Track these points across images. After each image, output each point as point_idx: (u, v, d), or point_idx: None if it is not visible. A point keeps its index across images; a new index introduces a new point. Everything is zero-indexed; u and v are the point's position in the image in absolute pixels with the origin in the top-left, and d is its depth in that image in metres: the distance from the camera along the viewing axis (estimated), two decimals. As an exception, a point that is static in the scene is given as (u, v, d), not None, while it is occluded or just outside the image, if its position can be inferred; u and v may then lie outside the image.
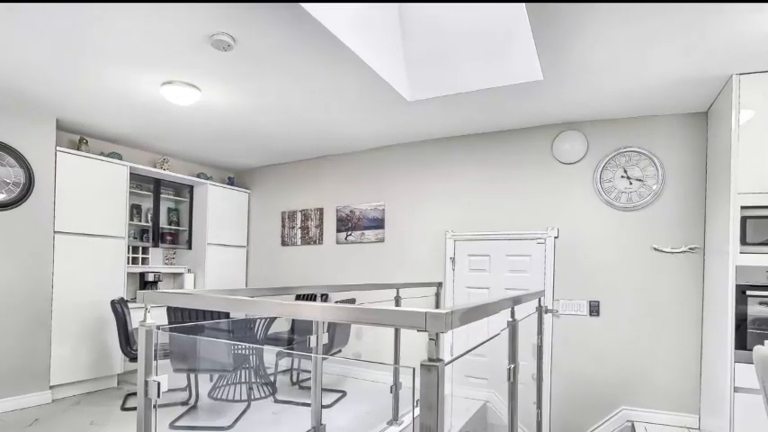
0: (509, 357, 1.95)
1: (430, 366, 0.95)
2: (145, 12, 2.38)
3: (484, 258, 4.28)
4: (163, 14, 2.40)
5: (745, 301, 2.85)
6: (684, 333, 3.54)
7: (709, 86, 3.13)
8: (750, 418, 2.74)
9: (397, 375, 3.32)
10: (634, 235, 3.72)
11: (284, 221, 5.64)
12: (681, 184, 3.61)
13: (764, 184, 2.83)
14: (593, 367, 3.78)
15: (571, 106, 3.61)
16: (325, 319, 1.23)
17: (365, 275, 4.94)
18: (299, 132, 4.45)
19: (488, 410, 4.12)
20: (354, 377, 4.81)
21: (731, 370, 2.84)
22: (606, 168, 3.82)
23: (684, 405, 3.51)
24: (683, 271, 3.57)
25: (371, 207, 4.95)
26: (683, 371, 3.53)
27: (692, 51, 2.66)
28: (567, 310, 3.88)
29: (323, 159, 5.36)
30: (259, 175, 5.97)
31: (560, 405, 3.87)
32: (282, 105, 3.71)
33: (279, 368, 4.67)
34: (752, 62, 2.75)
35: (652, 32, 2.47)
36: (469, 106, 3.67)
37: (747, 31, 2.41)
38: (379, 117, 3.97)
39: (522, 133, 4.17)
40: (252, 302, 1.45)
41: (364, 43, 2.83)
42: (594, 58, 2.79)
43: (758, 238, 2.88)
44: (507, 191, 4.21)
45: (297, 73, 3.09)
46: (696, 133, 3.58)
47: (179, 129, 4.37)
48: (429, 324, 0.95)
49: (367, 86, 3.28)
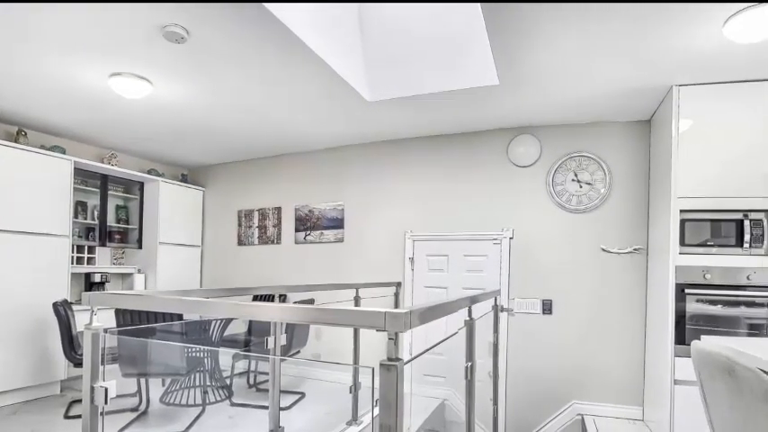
0: (466, 356, 1.99)
1: (389, 366, 0.95)
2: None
3: (442, 258, 4.35)
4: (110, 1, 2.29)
5: (684, 299, 3.04)
6: (630, 330, 3.73)
7: (652, 96, 3.32)
8: (688, 408, 2.93)
9: (356, 375, 3.32)
10: (584, 236, 3.89)
11: (241, 220, 5.51)
12: (626, 188, 3.80)
13: (701, 189, 3.03)
14: (545, 364, 3.92)
15: (525, 111, 3.73)
16: (283, 319, 1.22)
17: (324, 275, 4.90)
18: (256, 130, 4.36)
19: (446, 408, 4.19)
20: (314, 378, 4.77)
21: (671, 364, 3.03)
22: (558, 172, 3.97)
23: (629, 398, 3.71)
24: (628, 270, 3.76)
25: (331, 207, 4.93)
26: (628, 365, 3.72)
27: (635, 63, 2.81)
28: (521, 309, 4.01)
29: (281, 158, 5.28)
30: (214, 172, 5.80)
31: (515, 401, 3.99)
32: (239, 102, 3.63)
33: (235, 371, 4.56)
34: (690, 75, 2.94)
35: (599, 43, 2.59)
36: (428, 108, 3.72)
37: (686, 46, 2.58)
38: (339, 116, 3.95)
39: (480, 136, 4.27)
40: (206, 304, 1.40)
41: (324, 41, 2.81)
42: (547, 65, 2.89)
43: (696, 240, 3.08)
44: (465, 192, 4.29)
45: (254, 69, 3.02)
46: (640, 140, 3.79)
47: (129, 123, 4.18)
48: (388, 324, 0.96)
49: (326, 85, 3.26)
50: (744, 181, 2.96)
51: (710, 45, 2.55)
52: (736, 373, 1.33)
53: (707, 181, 3.02)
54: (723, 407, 1.41)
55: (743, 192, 2.96)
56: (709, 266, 3.01)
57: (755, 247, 2.98)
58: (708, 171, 3.02)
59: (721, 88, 3.00)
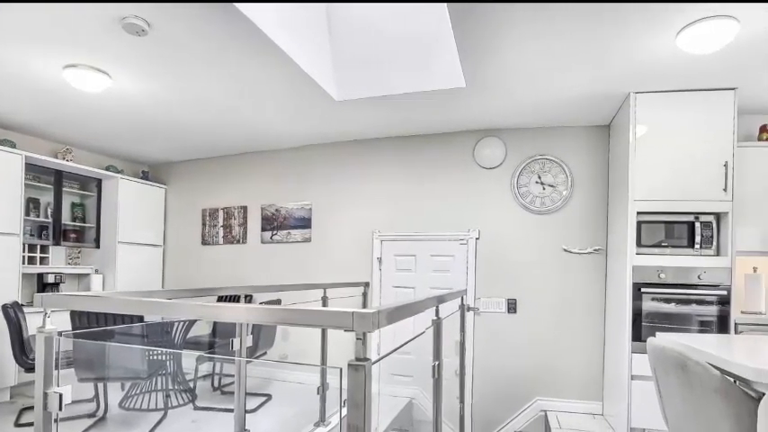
0: (434, 354, 2.01)
1: (357, 366, 0.95)
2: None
3: (410, 258, 4.37)
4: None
5: (640, 298, 3.17)
6: (590, 327, 3.87)
7: (611, 102, 3.45)
8: (645, 402, 3.06)
9: (324, 376, 3.29)
10: (547, 237, 4.00)
11: (205, 219, 5.38)
12: (587, 191, 3.94)
13: (656, 192, 3.17)
14: (510, 361, 4.01)
15: (491, 114, 3.80)
16: (249, 320, 1.19)
17: (292, 276, 4.85)
18: (221, 127, 4.27)
19: (414, 407, 4.22)
20: (281, 380, 4.70)
21: (629, 360, 3.15)
22: (522, 174, 4.06)
23: (590, 393, 3.84)
24: (588, 270, 3.89)
25: (298, 206, 4.87)
26: (588, 362, 3.85)
27: (595, 70, 2.92)
28: (487, 308, 4.08)
29: (248, 156, 5.18)
30: (177, 169, 5.64)
31: (481, 398, 4.06)
32: (203, 98, 3.54)
33: (199, 373, 4.44)
34: (647, 83, 3.07)
35: (562, 50, 2.67)
36: (396, 108, 3.74)
37: (642, 55, 2.69)
38: (307, 115, 3.91)
39: (447, 137, 4.32)
40: (169, 305, 1.36)
41: (292, 39, 2.78)
42: (512, 69, 2.96)
43: (651, 241, 3.23)
44: (432, 193, 4.34)
45: (219, 65, 2.96)
46: (600, 144, 3.93)
47: (85, 117, 4.00)
48: (356, 324, 0.96)
49: (294, 83, 3.22)
50: (695, 185, 3.12)
51: (664, 55, 2.68)
52: (687, 367, 1.39)
53: (661, 185, 3.16)
54: (676, 399, 1.48)
55: (694, 195, 3.12)
56: (663, 266, 3.15)
57: (705, 247, 3.15)
58: (662, 175, 3.16)
59: (674, 96, 3.15)
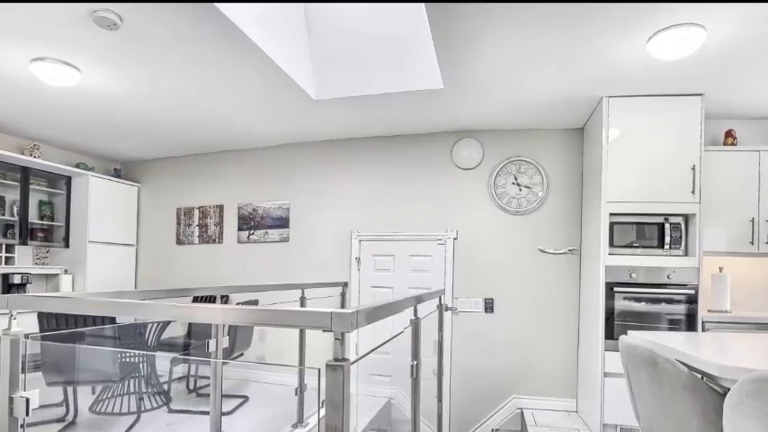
0: (412, 354, 2.02)
1: (335, 366, 0.95)
2: (15, -24, 2.08)
3: (388, 258, 4.38)
4: (38, -18, 2.12)
5: (612, 297, 3.25)
6: (565, 326, 3.95)
7: (585, 106, 3.53)
8: (617, 399, 3.14)
9: (302, 377, 3.27)
10: (523, 237, 4.06)
11: (180, 219, 5.27)
12: (562, 192, 4.02)
13: (628, 194, 3.25)
14: (487, 360, 4.06)
15: (469, 115, 3.84)
16: (225, 321, 1.18)
17: (269, 276, 4.80)
18: (197, 124, 4.19)
19: (393, 407, 4.23)
20: (258, 381, 4.64)
21: (602, 358, 3.23)
22: (499, 175, 4.12)
23: (565, 390, 3.92)
24: (563, 270, 3.97)
25: (276, 205, 4.83)
26: (563, 360, 3.93)
27: (570, 74, 2.98)
28: (465, 308, 4.12)
29: (224, 154, 5.10)
30: (151, 167, 5.51)
31: (459, 397, 4.10)
32: (178, 95, 3.47)
33: (174, 375, 4.35)
34: (619, 87, 3.15)
35: (538, 54, 2.72)
36: (374, 109, 3.74)
37: (614, 60, 2.76)
38: (285, 114, 3.88)
39: (425, 138, 4.35)
40: (142, 306, 1.33)
41: (269, 37, 2.75)
42: (489, 71, 3.00)
43: (623, 241, 3.31)
44: (411, 193, 4.36)
45: (195, 61, 2.90)
46: (574, 147, 4.02)
47: (54, 112, 3.88)
48: (334, 324, 0.95)
49: (271, 81, 3.19)
50: (664, 187, 3.21)
51: (636, 60, 2.75)
52: (657, 364, 1.44)
53: (633, 187, 3.25)
54: (646, 395, 1.53)
55: (664, 197, 3.21)
56: (634, 266, 3.24)
57: (675, 248, 3.25)
58: (634, 178, 3.25)
59: (645, 101, 3.24)
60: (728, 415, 1.09)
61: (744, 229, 3.39)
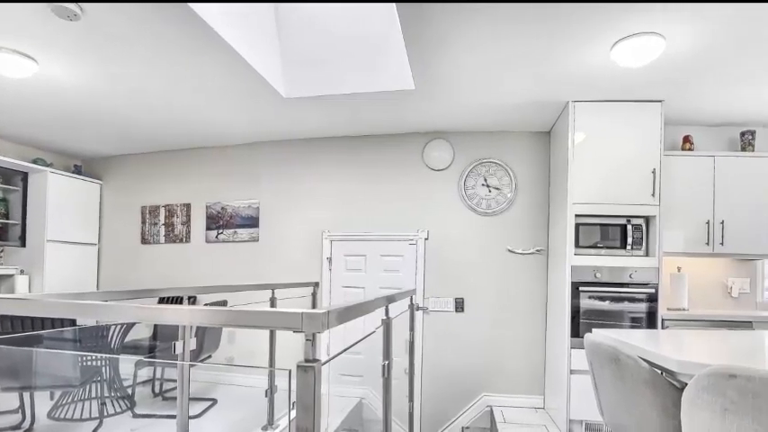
0: (383, 354, 2.02)
1: (306, 367, 0.94)
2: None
3: (360, 258, 4.38)
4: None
5: (578, 296, 3.34)
6: (532, 325, 4.03)
7: (552, 110, 3.62)
8: (583, 395, 3.24)
9: (272, 378, 3.23)
10: (492, 238, 4.13)
11: (145, 217, 5.12)
12: (530, 194, 4.11)
13: (593, 196, 3.36)
14: (458, 359, 4.11)
15: (440, 116, 3.88)
16: (193, 323, 1.15)
17: (238, 276, 4.71)
18: (163, 121, 4.07)
19: (364, 407, 4.22)
20: (227, 383, 4.55)
21: (568, 355, 3.32)
22: (469, 176, 4.18)
23: (532, 388, 4.01)
24: (531, 270, 4.06)
25: (245, 204, 4.75)
26: (531, 358, 4.02)
27: (537, 78, 3.06)
28: (436, 307, 4.16)
29: (192, 151, 4.98)
30: (114, 164, 5.32)
31: (430, 396, 4.13)
32: (143, 89, 3.36)
33: (139, 379, 4.21)
34: (584, 92, 3.25)
35: (506, 56, 2.78)
36: (346, 108, 3.73)
37: (580, 65, 2.85)
38: (255, 112, 3.82)
39: (397, 138, 4.37)
40: (104, 307, 1.28)
41: (238, 34, 2.71)
42: (459, 73, 3.03)
43: (588, 242, 3.41)
44: (382, 193, 4.37)
45: (160, 55, 2.82)
46: (542, 149, 4.12)
47: (9, 105, 3.69)
48: (305, 325, 0.95)
49: (241, 79, 3.13)
50: (627, 190, 3.33)
51: (600, 66, 2.85)
52: (620, 361, 1.49)
53: (597, 189, 3.35)
54: (610, 391, 1.58)
55: (626, 200, 3.33)
56: (599, 266, 3.34)
57: (636, 248, 3.37)
58: (598, 180, 3.36)
59: (609, 106, 3.35)
60: (686, 408, 1.14)
61: (700, 230, 3.55)
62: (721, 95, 3.27)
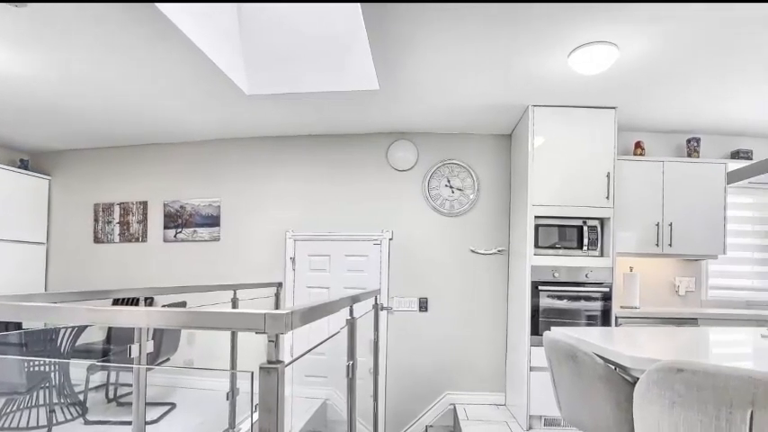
0: (348, 354, 2.02)
1: (269, 369, 0.92)
2: None
3: (324, 258, 4.35)
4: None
5: (537, 295, 3.44)
6: (494, 323, 4.12)
7: (513, 113, 3.71)
8: (542, 391, 3.34)
9: (233, 381, 3.16)
10: (455, 238, 4.20)
11: (98, 215, 4.90)
12: (492, 195, 4.20)
13: (551, 197, 3.46)
14: (422, 358, 4.15)
15: (404, 117, 3.90)
16: (150, 325, 1.11)
17: (199, 276, 4.58)
18: (117, 115, 3.90)
19: (328, 408, 4.19)
20: (186, 387, 4.42)
21: (528, 353, 3.41)
22: (433, 177, 4.23)
23: (494, 385, 4.10)
24: (493, 270, 4.15)
25: (206, 203, 4.62)
26: (493, 356, 4.11)
27: (499, 81, 3.13)
28: (400, 307, 4.19)
29: (149, 147, 4.80)
30: (65, 159, 5.06)
31: (394, 396, 4.15)
32: (96, 81, 3.20)
33: (91, 384, 4.02)
34: (543, 97, 3.35)
35: (469, 60, 2.83)
36: (310, 107, 3.70)
37: (539, 70, 2.94)
38: (216, 108, 3.72)
39: (361, 138, 4.36)
40: (53, 309, 1.22)
41: (197, 27, 2.63)
42: (424, 75, 3.07)
43: (547, 243, 3.52)
44: (347, 193, 4.35)
45: (115, 46, 2.69)
46: (503, 152, 4.22)
47: (-49, 95, 3.45)
48: (268, 326, 0.93)
49: (201, 73, 3.04)
50: (583, 193, 3.46)
51: (558, 72, 2.95)
52: (577, 358, 1.54)
53: (555, 191, 3.47)
54: (568, 387, 1.63)
55: (582, 202, 3.46)
56: (557, 266, 3.45)
57: (592, 249, 3.51)
58: (556, 183, 3.47)
59: (567, 111, 3.47)
60: (638, 402, 1.19)
61: (650, 232, 3.72)
62: (670, 104, 3.45)
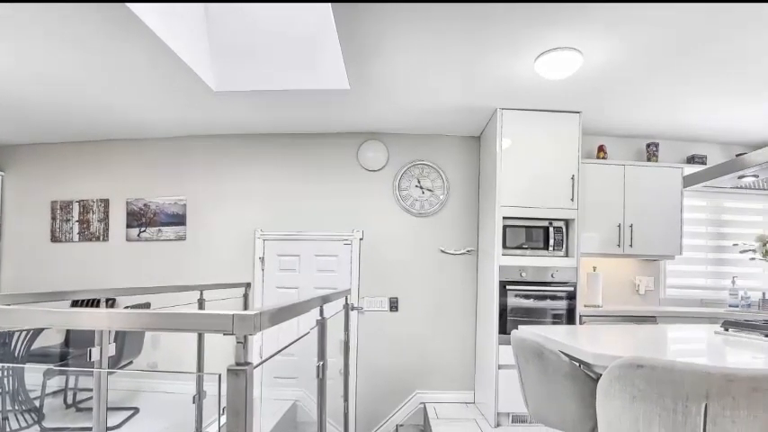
0: (318, 355, 2.00)
1: (238, 371, 0.91)
2: None
3: (294, 258, 4.30)
4: None
5: (505, 294, 3.51)
6: (464, 322, 4.18)
7: (481, 115, 3.78)
8: (509, 389, 3.41)
9: (200, 383, 3.08)
10: (425, 238, 4.23)
11: (56, 213, 4.69)
12: (461, 196, 4.26)
13: (518, 199, 3.54)
14: (392, 358, 4.16)
15: (375, 117, 3.91)
16: (112, 327, 1.07)
17: (164, 277, 4.45)
18: (77, 109, 3.74)
19: (298, 409, 4.15)
20: (150, 390, 4.28)
21: (496, 351, 3.47)
22: (404, 178, 4.25)
23: (463, 383, 4.15)
24: (462, 270, 4.21)
25: (171, 201, 4.49)
26: (462, 355, 4.16)
27: (468, 84, 3.18)
28: (370, 307, 4.19)
29: (111, 143, 4.63)
30: (19, 154, 4.82)
31: (365, 396, 4.14)
32: (51, 72, 3.05)
33: (48, 390, 3.84)
34: (511, 100, 3.42)
35: (439, 62, 2.86)
36: (280, 105, 3.66)
37: (507, 74, 3.00)
38: (182, 103, 3.62)
39: (332, 138, 4.34)
40: (6, 312, 1.16)
41: (161, 19, 2.55)
42: (394, 76, 3.08)
43: (514, 243, 3.59)
44: (317, 193, 4.32)
45: (74, 36, 2.57)
46: (472, 153, 4.28)
47: None
48: (236, 327, 0.92)
49: (165, 67, 2.95)
50: (549, 194, 3.55)
51: (525, 77, 3.02)
52: (544, 355, 1.58)
53: (522, 193, 3.54)
54: (534, 384, 1.67)
55: (548, 203, 3.55)
56: (524, 266, 3.53)
57: (557, 249, 3.60)
58: (523, 184, 3.55)
59: (534, 115, 3.56)
60: (600, 398, 1.23)
61: (612, 233, 3.86)
62: (630, 110, 3.59)
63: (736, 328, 1.94)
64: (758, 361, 1.37)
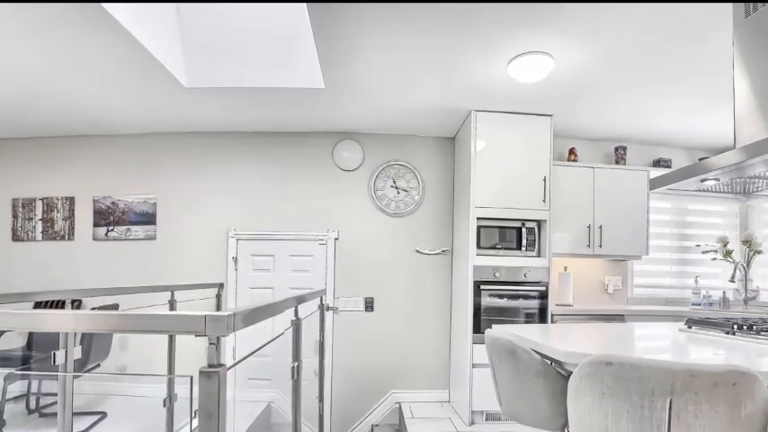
0: (293, 355, 1.99)
1: (210, 373, 0.89)
2: None
3: (268, 258, 4.25)
4: None
5: (479, 294, 3.56)
6: (438, 322, 4.21)
7: (456, 117, 3.82)
8: (483, 387, 3.45)
9: (171, 386, 3.01)
10: (401, 238, 4.25)
11: (17, 211, 4.50)
12: (436, 196, 4.29)
13: (492, 200, 3.59)
14: (367, 358, 4.16)
15: (350, 117, 3.90)
16: (77, 329, 1.03)
17: (133, 277, 4.33)
18: (41, 103, 3.60)
19: (272, 410, 4.10)
20: (119, 394, 4.15)
21: (470, 350, 3.51)
22: (379, 178, 4.26)
23: (438, 383, 4.18)
24: (437, 270, 4.24)
25: (140, 200, 4.38)
26: (437, 354, 4.19)
27: (443, 86, 3.21)
28: (346, 307, 4.18)
29: (76, 139, 4.47)
30: (-19, 150, 4.62)
31: (340, 396, 4.13)
32: (16, 67, 2.94)
33: (9, 395, 3.68)
34: (485, 102, 3.47)
35: (414, 63, 2.88)
36: (254, 104, 3.61)
37: (481, 77, 3.04)
38: (152, 100, 3.53)
39: (306, 137, 4.31)
40: (-36, 315, 1.11)
41: (132, 15, 2.49)
42: (369, 76, 3.08)
43: (488, 243, 3.64)
44: (292, 192, 4.29)
45: (38, 28, 2.48)
46: (447, 154, 4.32)
47: None
48: (209, 328, 0.90)
49: (135, 62, 2.87)
50: (522, 196, 3.62)
51: (499, 79, 3.07)
52: (516, 354, 1.61)
53: (496, 194, 3.60)
54: (508, 382, 1.70)
55: (521, 204, 3.61)
56: (497, 266, 3.58)
57: (530, 250, 3.67)
58: (497, 186, 3.60)
59: (507, 117, 3.62)
60: (571, 395, 1.26)
61: (582, 233, 3.96)
62: (599, 114, 3.69)
63: (699, 325, 2.01)
64: (719, 357, 1.42)
